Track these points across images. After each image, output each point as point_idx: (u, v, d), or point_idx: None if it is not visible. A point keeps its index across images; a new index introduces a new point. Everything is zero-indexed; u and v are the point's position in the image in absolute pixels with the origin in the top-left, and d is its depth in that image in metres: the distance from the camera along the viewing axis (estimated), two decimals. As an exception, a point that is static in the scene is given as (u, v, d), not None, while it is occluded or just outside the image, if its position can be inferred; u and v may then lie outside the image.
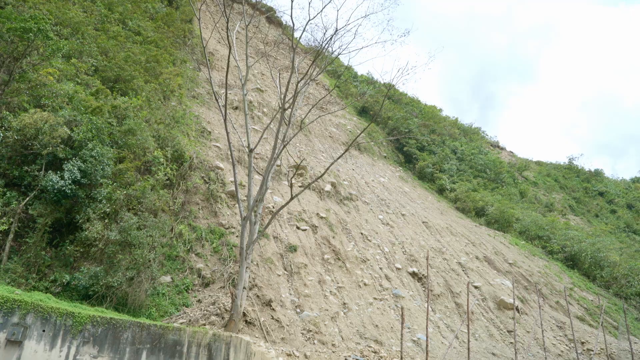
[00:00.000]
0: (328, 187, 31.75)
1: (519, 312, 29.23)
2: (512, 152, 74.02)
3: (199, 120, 29.55)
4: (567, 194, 66.78)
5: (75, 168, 17.25)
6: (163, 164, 21.58)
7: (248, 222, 18.34)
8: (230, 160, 19.88)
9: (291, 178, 20.25)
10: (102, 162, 18.06)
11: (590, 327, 31.26)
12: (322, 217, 28.19)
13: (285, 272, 23.04)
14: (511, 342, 25.05)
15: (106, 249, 17.07)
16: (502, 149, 73.12)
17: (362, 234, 29.56)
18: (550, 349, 26.99)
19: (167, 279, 19.13)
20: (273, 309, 20.33)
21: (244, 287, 17.69)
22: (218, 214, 23.79)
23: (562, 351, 27.73)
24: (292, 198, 19.46)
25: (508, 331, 27.14)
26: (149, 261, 17.40)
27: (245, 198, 20.74)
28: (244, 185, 25.22)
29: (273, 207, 25.83)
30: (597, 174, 79.39)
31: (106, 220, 17.65)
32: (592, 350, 28.26)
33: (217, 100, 21.08)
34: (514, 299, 27.16)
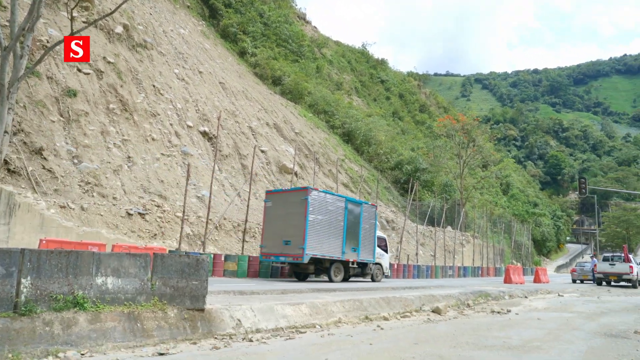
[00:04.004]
0: (119, 29, 28.10)
1: (297, 176, 32.53)
2: (315, 28, 75.95)
3: None
4: (355, 77, 73.17)
5: None
6: None
7: (12, 54, 15.27)
8: (-13, -30, 15.62)
9: (72, 9, 17.16)
10: None
11: (351, 192, 36.98)
12: (109, 62, 25.24)
13: (62, 118, 20.55)
14: (286, 202, 28.03)
15: None
16: (308, 22, 74.26)
17: (154, 86, 27.74)
18: (316, 208, 31.26)
19: None
20: (44, 158, 18.31)
21: (6, 132, 15.26)
22: (-31, 39, 19.11)
23: (325, 210, 32.47)
24: (72, 35, 16.69)
25: (285, 192, 30.23)
26: None
27: (7, 23, 16.92)
28: (5, 7, 20.43)
29: (48, 42, 21.88)
30: (382, 62, 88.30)
31: None
32: (349, 211, 33.83)
33: None
34: (294, 165, 29.97)
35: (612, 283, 26.34)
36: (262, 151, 32.17)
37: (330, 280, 17.75)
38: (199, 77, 33.76)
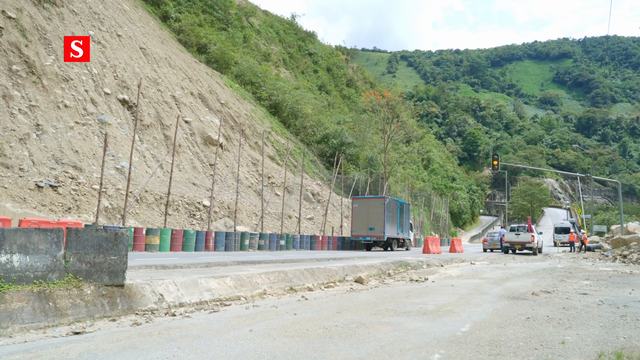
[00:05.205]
0: (24, -17, 25.48)
1: (222, 148, 31.86)
2: (243, -5, 73.53)
3: None
4: (283, 48, 72.12)
5: None
6: None
7: None
8: None
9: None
10: None
11: (277, 165, 36.90)
12: (10, 18, 22.90)
13: (-45, 79, 18.46)
14: (211, 174, 27.49)
15: None
16: (235, -12, 71.62)
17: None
18: (243, 181, 30.93)
19: None
20: None
21: None
22: None
23: (252, 183, 32.23)
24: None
25: (210, 164, 29.55)
26: None
27: None
28: None
29: (-64, -9, 19.43)
30: (311, 35, 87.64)
31: None
32: (275, 183, 33.84)
33: None
34: (219, 137, 29.27)
35: (517, 251, 28.69)
36: (186, 122, 31.07)
37: (391, 250, 28.39)
38: (117, 40, 31.64)
